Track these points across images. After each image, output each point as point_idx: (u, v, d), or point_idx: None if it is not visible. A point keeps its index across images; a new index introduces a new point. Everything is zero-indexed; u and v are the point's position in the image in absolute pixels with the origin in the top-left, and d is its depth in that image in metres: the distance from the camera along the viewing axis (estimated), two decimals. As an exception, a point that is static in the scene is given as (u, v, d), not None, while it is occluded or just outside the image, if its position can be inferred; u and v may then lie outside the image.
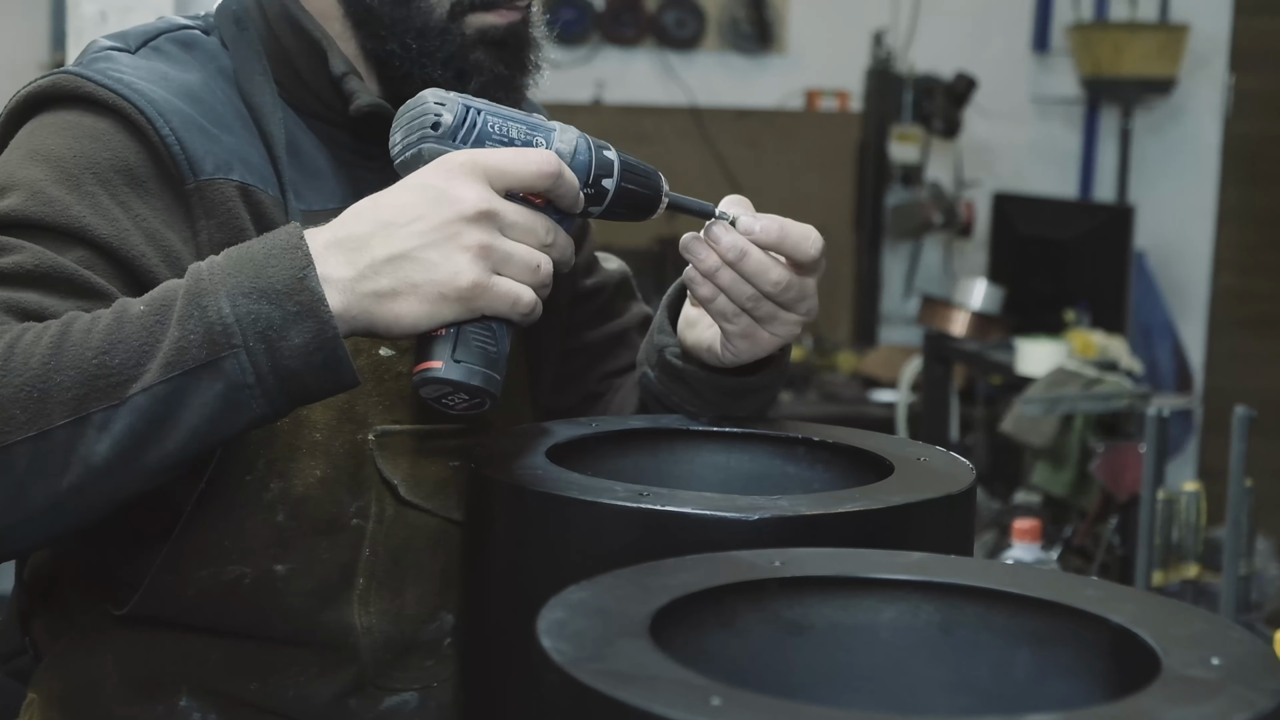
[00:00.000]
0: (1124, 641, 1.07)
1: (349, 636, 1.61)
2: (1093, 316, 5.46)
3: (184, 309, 1.30)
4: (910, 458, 1.49)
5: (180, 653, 1.60)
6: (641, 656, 0.99)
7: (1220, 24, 6.89)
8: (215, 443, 1.33)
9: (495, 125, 1.41)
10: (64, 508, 1.30)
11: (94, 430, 1.28)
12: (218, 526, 1.57)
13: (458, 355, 1.35)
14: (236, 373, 1.29)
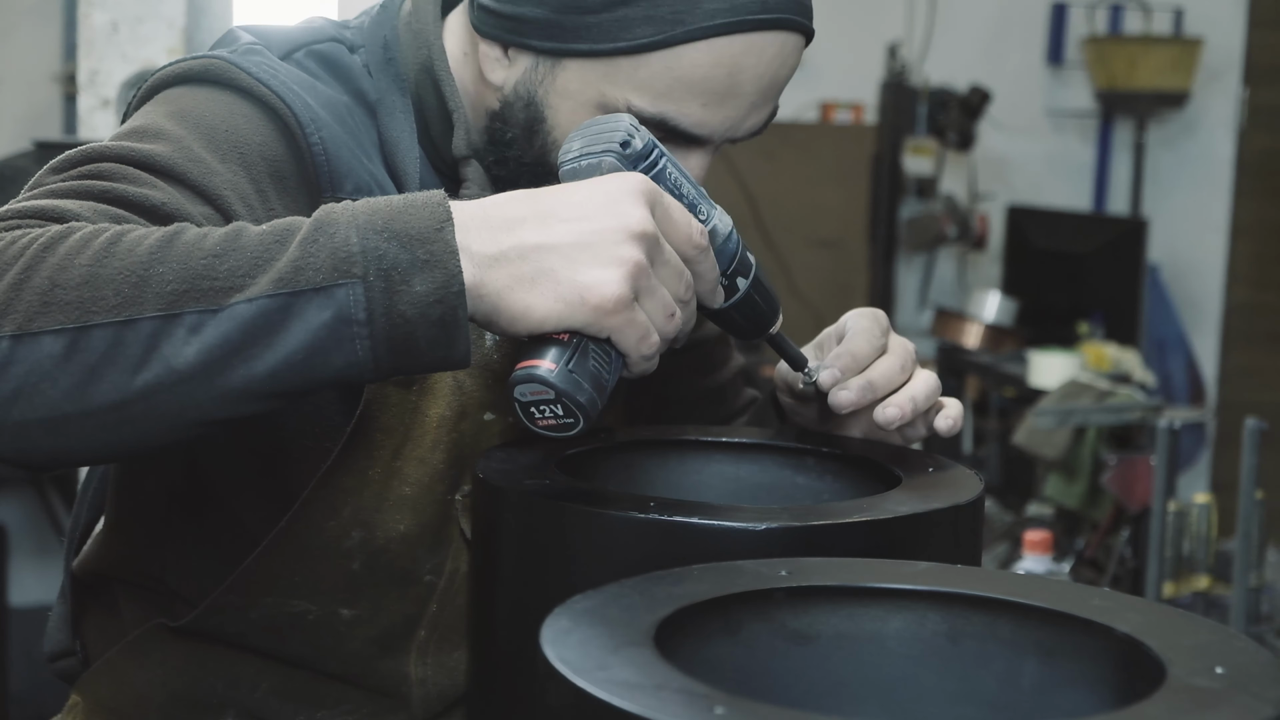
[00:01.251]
0: (1130, 651, 1.07)
1: (402, 686, 1.61)
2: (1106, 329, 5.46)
3: (309, 233, 1.21)
4: (919, 468, 1.49)
5: (231, 675, 1.59)
6: (646, 666, 0.98)
7: (1234, 38, 6.89)
8: (303, 383, 1.21)
9: (672, 174, 1.37)
10: (128, 411, 1.18)
11: (184, 331, 1.18)
12: (291, 564, 1.54)
13: (572, 366, 1.27)
14: (349, 304, 1.19)
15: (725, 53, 1.46)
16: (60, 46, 5.82)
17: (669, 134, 1.49)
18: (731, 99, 1.48)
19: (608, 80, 1.49)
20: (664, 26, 1.45)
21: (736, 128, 1.52)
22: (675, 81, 1.47)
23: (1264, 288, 6.99)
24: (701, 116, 1.49)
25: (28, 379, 1.17)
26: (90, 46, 3.71)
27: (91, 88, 3.73)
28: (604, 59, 1.48)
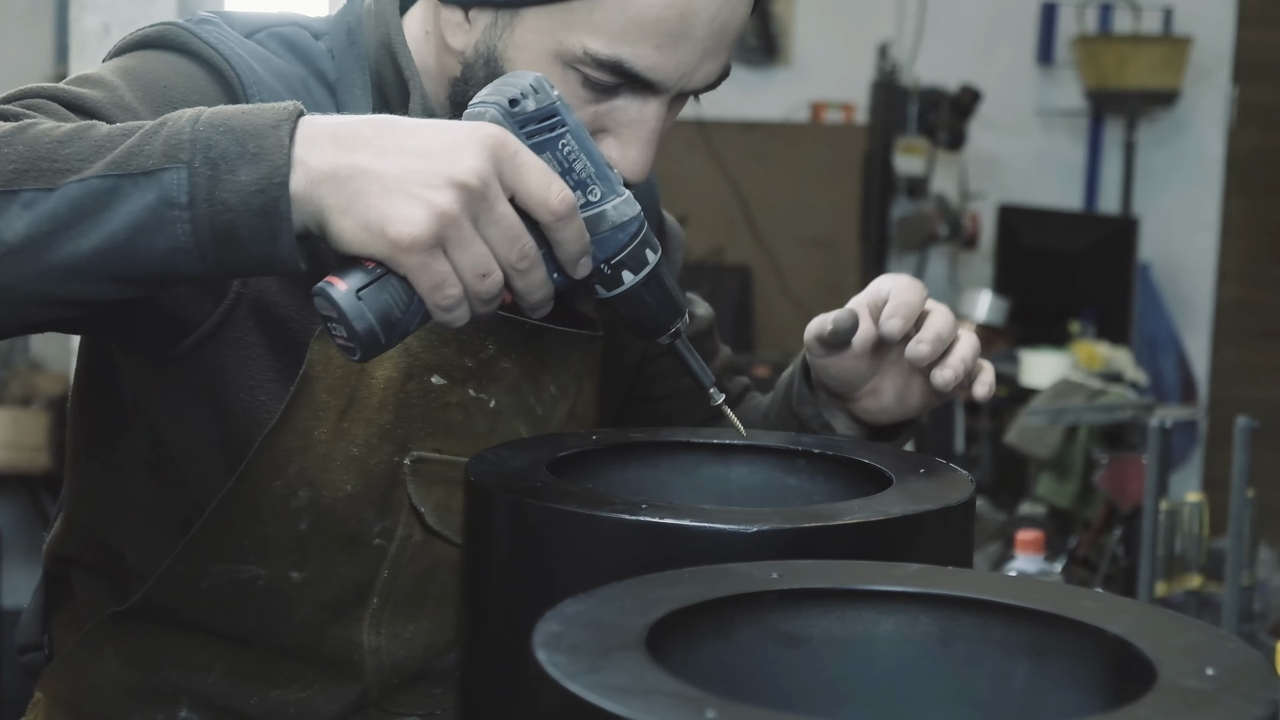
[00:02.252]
0: (1121, 652, 1.07)
1: (355, 654, 1.61)
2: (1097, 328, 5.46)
3: (152, 127, 1.25)
4: (910, 470, 1.49)
5: (183, 662, 1.60)
6: (637, 669, 0.99)
7: (1223, 36, 6.90)
8: (128, 266, 1.24)
9: (565, 147, 1.36)
10: None
11: (18, 207, 1.22)
12: (239, 526, 1.56)
13: (363, 294, 1.26)
14: (172, 188, 1.22)
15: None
16: (52, 49, 5.82)
17: (624, 78, 1.51)
18: (684, 41, 1.50)
19: (564, 27, 1.51)
20: None
21: (689, 76, 1.53)
22: (629, 23, 1.49)
23: (1255, 285, 6.99)
24: (655, 60, 1.50)
25: None
26: (81, 49, 3.70)
27: (82, 90, 3.72)
28: (559, 4, 1.51)
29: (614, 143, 1.55)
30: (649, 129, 1.54)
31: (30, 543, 5.83)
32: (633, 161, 1.54)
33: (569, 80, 1.52)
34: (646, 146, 1.54)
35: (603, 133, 1.55)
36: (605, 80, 1.52)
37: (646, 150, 1.55)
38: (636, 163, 1.54)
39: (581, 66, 1.51)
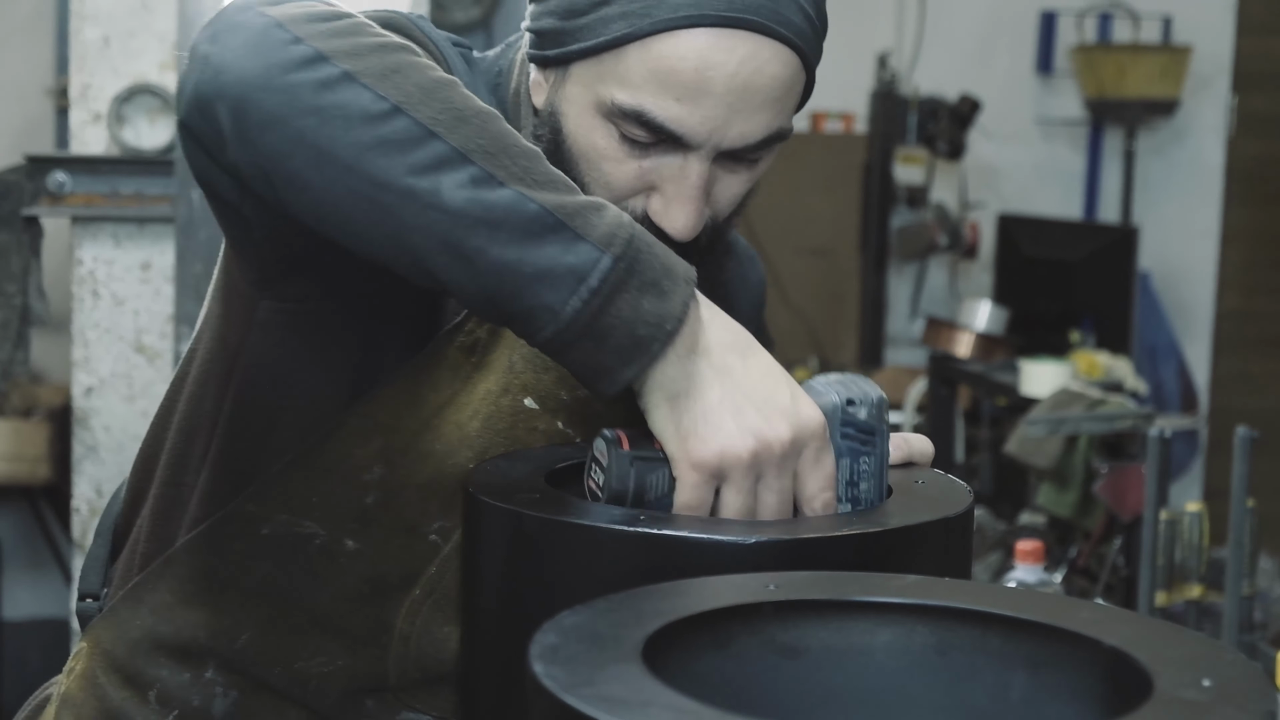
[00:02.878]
0: (1118, 663, 1.08)
1: (384, 636, 1.63)
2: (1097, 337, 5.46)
3: (592, 201, 1.36)
4: (908, 480, 1.49)
5: (212, 626, 1.63)
6: (634, 681, 0.99)
7: (1223, 45, 6.91)
8: (501, 292, 1.33)
9: (864, 465, 1.42)
10: (380, 195, 1.33)
11: (468, 177, 1.33)
12: (312, 481, 1.60)
13: (637, 463, 1.36)
14: (591, 266, 1.32)
15: (691, 46, 1.52)
16: (52, 60, 5.82)
17: (653, 132, 1.54)
18: (705, 96, 1.53)
19: (599, 79, 1.56)
20: (635, 21, 1.53)
21: (721, 133, 1.55)
22: (650, 74, 1.53)
23: (1255, 294, 6.99)
24: (678, 112, 1.53)
25: (336, 109, 1.32)
26: (82, 61, 3.71)
27: (83, 102, 3.73)
28: (592, 58, 1.56)
29: (659, 200, 1.58)
30: (690, 186, 1.56)
31: (32, 555, 5.83)
32: (674, 219, 1.57)
33: (608, 135, 1.57)
34: (688, 204, 1.57)
35: (651, 190, 1.58)
36: (638, 134, 1.55)
37: (688, 207, 1.57)
38: (678, 219, 1.57)
39: (615, 119, 1.56)
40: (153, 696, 1.65)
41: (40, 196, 3.70)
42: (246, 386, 1.63)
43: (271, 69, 1.33)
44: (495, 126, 1.36)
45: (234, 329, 1.64)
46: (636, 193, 1.58)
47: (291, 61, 1.34)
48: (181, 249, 3.53)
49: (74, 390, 3.76)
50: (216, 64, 1.35)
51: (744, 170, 1.61)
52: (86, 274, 3.73)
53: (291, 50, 1.34)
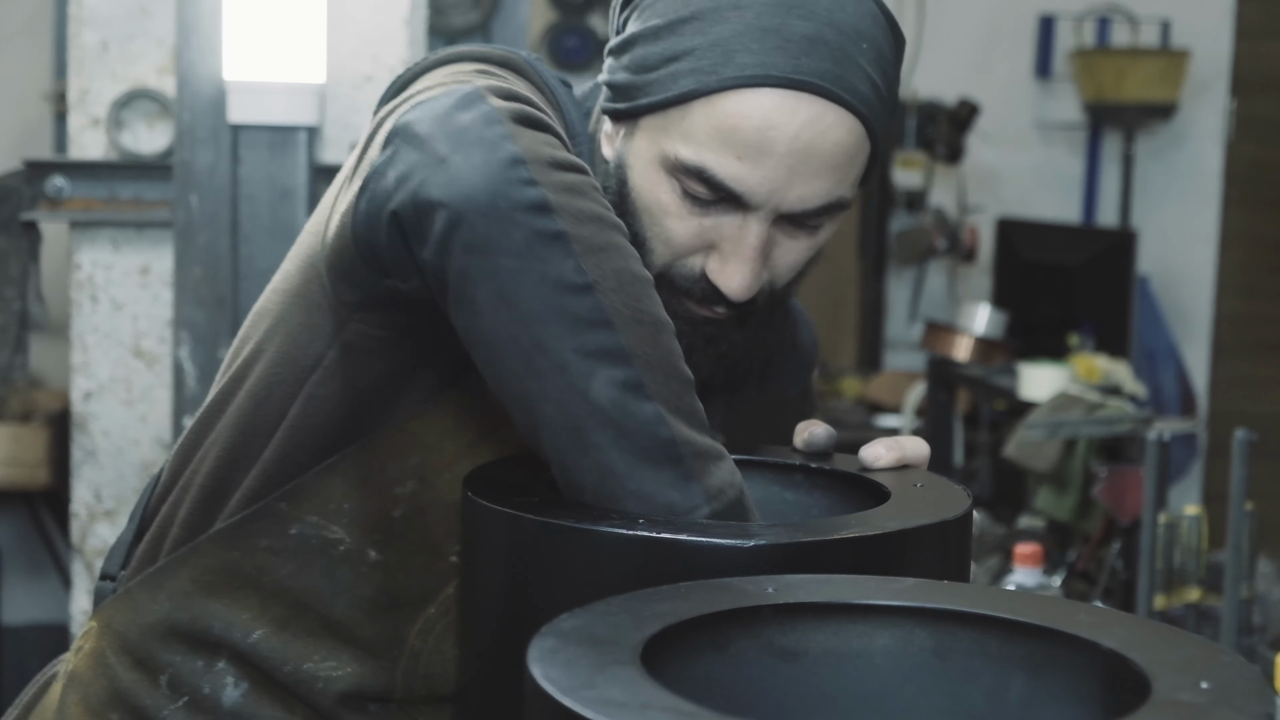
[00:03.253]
0: (1116, 666, 1.08)
1: (395, 649, 1.65)
2: (1096, 341, 5.46)
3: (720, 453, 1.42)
4: (908, 484, 1.50)
5: (228, 619, 1.65)
6: (633, 684, 0.99)
7: (1221, 49, 6.91)
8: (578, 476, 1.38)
9: None
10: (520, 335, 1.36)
11: (616, 371, 1.35)
12: (345, 487, 1.62)
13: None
14: (689, 502, 1.36)
15: (755, 106, 1.54)
16: (50, 65, 5.82)
17: (713, 189, 1.56)
18: (766, 156, 1.54)
19: (664, 134, 1.58)
20: (702, 78, 1.55)
21: (780, 195, 1.56)
22: (713, 130, 1.55)
23: (1254, 298, 7.00)
24: (738, 171, 1.55)
25: (539, 262, 1.35)
26: (80, 65, 3.71)
27: (82, 106, 3.73)
28: (660, 113, 1.59)
29: (716, 259, 1.59)
30: (747, 247, 1.57)
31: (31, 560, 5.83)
32: (729, 278, 1.58)
33: (671, 191, 1.58)
34: (744, 264, 1.58)
35: (710, 249, 1.60)
36: (699, 191, 1.57)
37: (744, 268, 1.58)
38: (733, 279, 1.58)
39: (678, 175, 1.57)
40: (164, 681, 1.67)
41: (39, 201, 3.70)
42: (317, 399, 1.64)
43: (499, 199, 1.35)
44: (666, 340, 1.40)
45: (315, 341, 1.64)
46: (696, 251, 1.60)
47: (520, 201, 1.36)
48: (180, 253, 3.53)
49: (73, 395, 3.76)
50: (452, 173, 1.37)
51: (804, 237, 1.62)
52: (85, 279, 3.73)
53: (524, 191, 1.36)
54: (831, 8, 1.55)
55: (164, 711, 1.67)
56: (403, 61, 3.72)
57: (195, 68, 3.50)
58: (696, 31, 1.56)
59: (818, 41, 1.54)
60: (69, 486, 3.82)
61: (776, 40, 1.53)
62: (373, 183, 1.45)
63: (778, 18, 1.54)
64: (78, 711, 1.70)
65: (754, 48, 1.54)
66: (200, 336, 3.54)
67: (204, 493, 1.69)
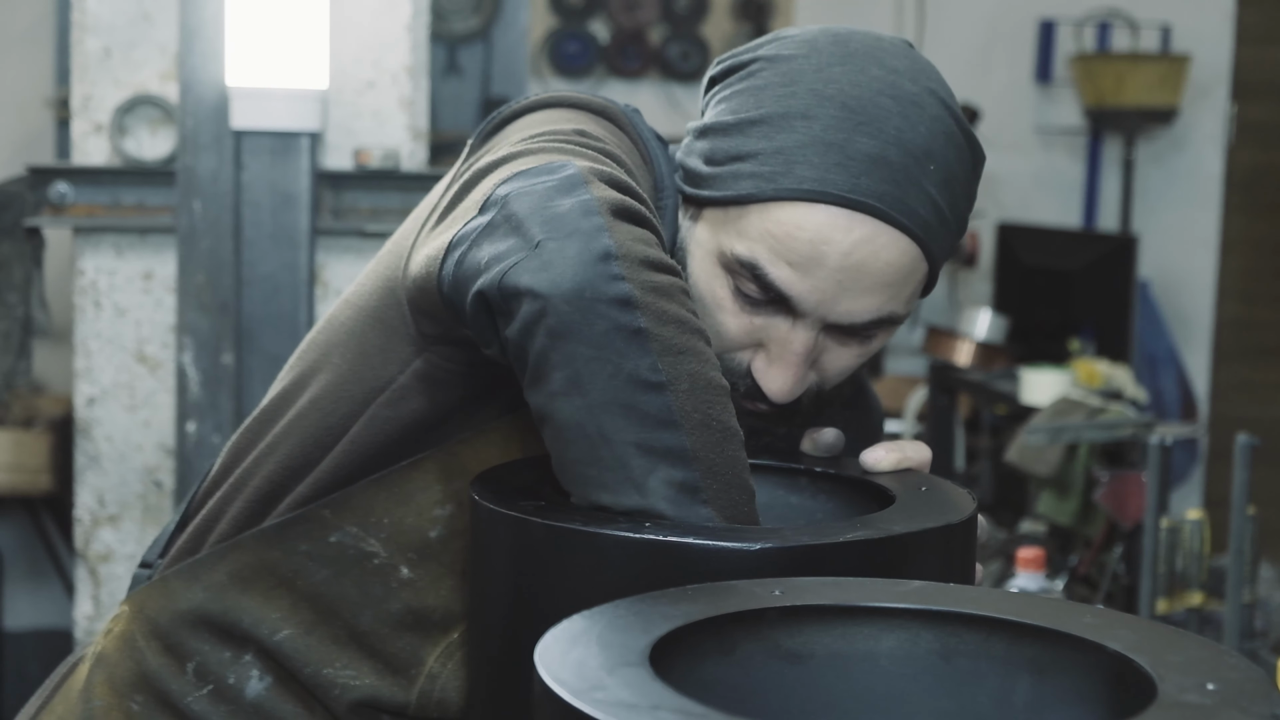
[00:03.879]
0: (1122, 668, 1.08)
1: (414, 669, 1.66)
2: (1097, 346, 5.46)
3: None
4: (912, 488, 1.50)
5: (257, 615, 1.67)
6: (641, 686, 0.99)
7: (1221, 54, 6.91)
8: None
9: None
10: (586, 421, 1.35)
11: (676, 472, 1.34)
12: (389, 502, 1.64)
13: None
14: None
15: (810, 219, 1.55)
16: (53, 71, 5.83)
17: (764, 289, 1.58)
18: (817, 268, 1.55)
19: (721, 229, 1.60)
20: (762, 183, 1.57)
21: (829, 306, 1.58)
22: (766, 234, 1.57)
23: (1254, 303, 7.00)
24: (789, 277, 1.56)
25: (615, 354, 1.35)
26: (83, 72, 3.72)
27: (84, 113, 3.73)
28: (719, 208, 1.61)
29: (763, 358, 1.61)
30: (793, 352, 1.59)
31: (33, 566, 5.83)
32: (773, 380, 1.60)
33: (725, 285, 1.60)
34: (788, 369, 1.59)
35: (758, 347, 1.61)
36: (750, 289, 1.58)
37: (787, 372, 1.60)
38: (776, 381, 1.60)
39: (732, 271, 1.59)
40: (190, 669, 1.70)
41: (42, 207, 3.70)
42: (379, 419, 1.65)
43: (585, 289, 1.35)
44: (733, 449, 1.38)
45: (389, 365, 1.66)
46: (744, 347, 1.61)
47: (605, 294, 1.35)
48: (183, 259, 3.54)
49: (76, 400, 3.77)
50: (544, 260, 1.36)
51: (855, 345, 1.63)
52: (88, 284, 3.74)
53: (612, 285, 1.35)
54: (902, 127, 1.56)
55: (188, 698, 1.69)
56: (405, 67, 3.73)
57: (198, 74, 3.51)
58: (763, 136, 1.58)
59: (880, 161, 1.55)
60: (71, 492, 3.83)
61: (838, 156, 1.55)
62: (462, 249, 1.45)
63: (843, 133, 1.55)
64: (103, 691, 1.72)
65: (815, 161, 1.55)
66: (203, 342, 3.55)
67: (258, 494, 1.70)
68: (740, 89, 1.62)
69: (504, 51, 5.84)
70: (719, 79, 1.67)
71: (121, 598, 1.85)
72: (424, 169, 3.79)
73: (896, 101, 1.56)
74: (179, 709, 1.70)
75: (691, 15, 6.70)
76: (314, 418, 1.69)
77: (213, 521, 1.74)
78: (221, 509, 1.73)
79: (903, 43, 1.65)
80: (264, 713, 1.69)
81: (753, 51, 1.64)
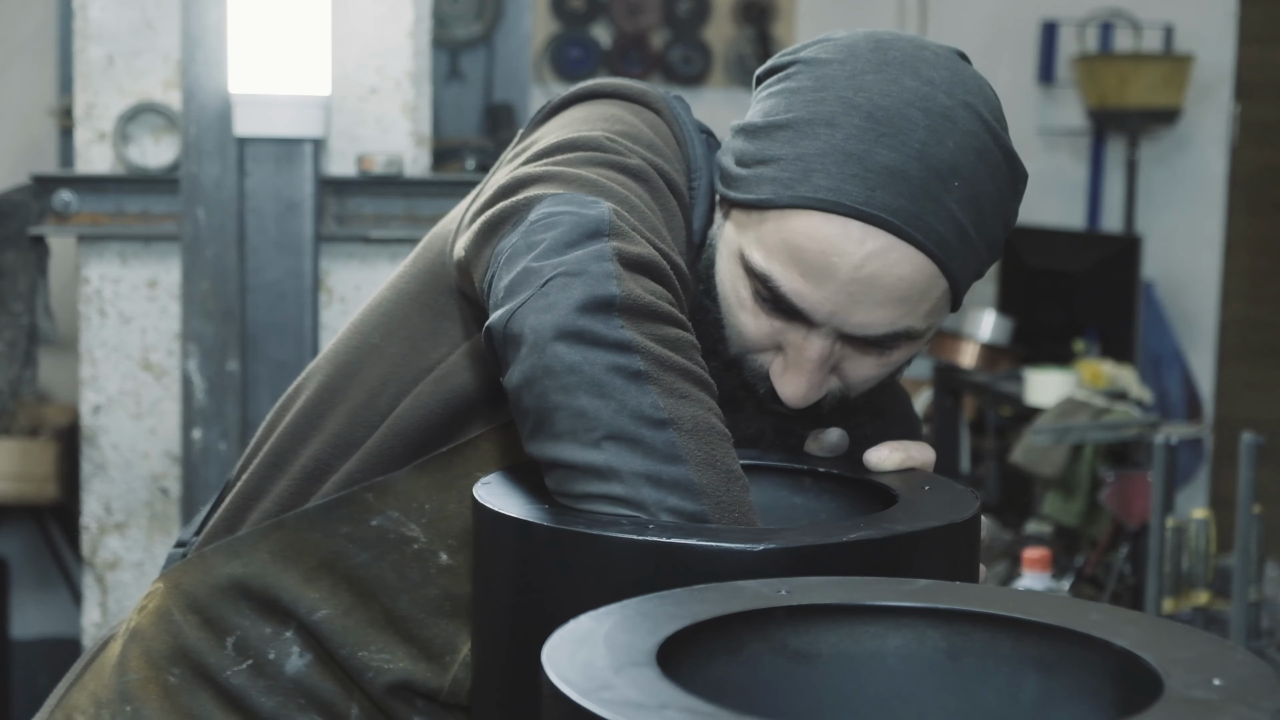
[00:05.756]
0: (1128, 664, 1.08)
1: (449, 654, 1.67)
2: (1102, 346, 5.46)
3: None
4: (916, 487, 1.50)
5: (297, 594, 1.68)
6: (649, 686, 0.99)
7: (1224, 54, 6.91)
8: None
9: None
10: (587, 448, 1.35)
11: (686, 507, 1.34)
12: (429, 488, 1.65)
13: None
14: None
15: (822, 229, 1.54)
16: (56, 80, 5.83)
17: (776, 301, 1.58)
18: (828, 279, 1.55)
19: (744, 231, 1.61)
20: (780, 189, 1.56)
21: (842, 318, 1.57)
22: (781, 242, 1.56)
23: (1259, 302, 7.00)
24: (800, 287, 1.56)
25: (612, 390, 1.35)
26: (86, 80, 3.72)
27: (88, 121, 3.74)
28: (742, 210, 1.61)
29: (780, 363, 1.61)
30: (808, 359, 1.58)
31: (40, 575, 5.84)
32: (787, 385, 1.60)
33: (748, 287, 1.60)
34: (800, 375, 1.59)
35: (777, 350, 1.61)
36: (765, 295, 1.59)
37: (800, 378, 1.59)
38: (790, 386, 1.60)
39: (750, 276, 1.59)
40: (230, 643, 1.71)
41: (46, 216, 3.71)
42: (424, 395, 1.67)
43: (585, 333, 1.36)
44: (738, 491, 1.38)
45: (440, 345, 1.68)
46: (765, 349, 1.62)
47: (604, 338, 1.36)
48: (188, 266, 3.54)
49: (82, 409, 3.77)
50: (549, 301, 1.37)
51: (875, 355, 1.62)
52: (93, 292, 3.74)
53: (611, 330, 1.36)
54: (927, 140, 1.55)
55: (227, 671, 1.70)
56: (407, 73, 3.74)
57: (201, 81, 3.51)
58: (787, 141, 1.57)
59: (899, 175, 1.53)
60: (78, 500, 3.83)
61: (856, 168, 1.53)
62: (489, 269, 1.47)
63: (865, 144, 1.54)
64: (139, 665, 1.73)
65: (833, 171, 1.54)
66: (208, 349, 3.55)
67: (304, 472, 1.72)
68: (776, 90, 1.62)
69: (506, 57, 5.85)
70: (763, 78, 1.66)
71: (129, 605, 1.85)
72: (427, 175, 3.80)
73: (926, 114, 1.55)
74: (217, 682, 1.70)
75: (693, 19, 6.70)
76: (362, 399, 1.70)
77: (253, 499, 1.75)
78: (263, 486, 1.74)
79: (950, 53, 1.65)
80: (303, 689, 1.70)
81: (795, 53, 1.63)
